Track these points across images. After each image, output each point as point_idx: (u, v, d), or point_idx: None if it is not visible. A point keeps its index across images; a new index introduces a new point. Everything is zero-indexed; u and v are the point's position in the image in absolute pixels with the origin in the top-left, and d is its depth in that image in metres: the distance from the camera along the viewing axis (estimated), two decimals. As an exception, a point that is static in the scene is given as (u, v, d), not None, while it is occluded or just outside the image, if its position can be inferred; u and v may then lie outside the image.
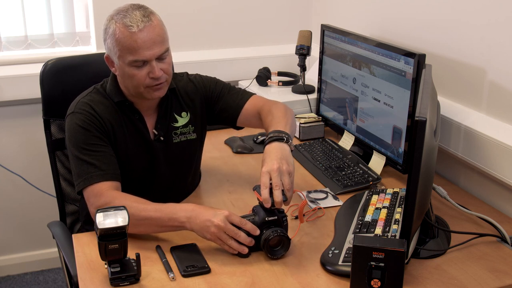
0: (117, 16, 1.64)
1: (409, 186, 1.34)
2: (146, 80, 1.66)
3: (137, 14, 1.62)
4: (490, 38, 1.82)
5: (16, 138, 2.69)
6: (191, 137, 1.86)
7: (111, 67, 1.73)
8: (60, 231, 1.92)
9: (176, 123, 1.83)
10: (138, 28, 1.60)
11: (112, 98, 1.74)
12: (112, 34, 1.63)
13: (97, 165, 1.64)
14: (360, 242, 1.33)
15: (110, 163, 1.67)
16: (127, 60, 1.63)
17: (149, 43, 1.61)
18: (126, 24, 1.60)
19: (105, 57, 1.72)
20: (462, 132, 1.87)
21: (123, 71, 1.66)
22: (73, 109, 1.72)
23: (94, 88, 1.78)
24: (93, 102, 1.73)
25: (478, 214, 1.72)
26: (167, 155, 1.81)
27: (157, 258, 1.52)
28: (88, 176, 1.63)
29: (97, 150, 1.66)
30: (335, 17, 2.73)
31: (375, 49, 2.02)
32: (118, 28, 1.61)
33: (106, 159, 1.67)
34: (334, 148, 2.22)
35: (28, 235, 2.85)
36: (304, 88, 2.56)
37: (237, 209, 1.79)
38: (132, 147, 1.76)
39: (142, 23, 1.61)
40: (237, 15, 2.88)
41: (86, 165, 1.64)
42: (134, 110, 1.76)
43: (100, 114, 1.71)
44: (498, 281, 1.45)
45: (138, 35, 1.60)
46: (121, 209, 1.38)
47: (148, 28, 1.61)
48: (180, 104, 1.85)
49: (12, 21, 2.60)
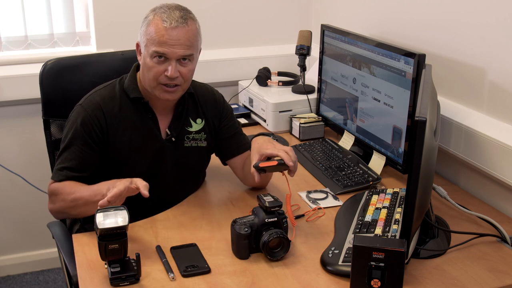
0: (159, 9, 1.71)
1: (409, 186, 1.34)
2: (161, 77, 1.70)
3: (176, 14, 1.69)
4: (490, 38, 1.82)
5: (16, 138, 2.68)
6: (202, 145, 1.88)
7: (138, 55, 1.78)
8: (60, 231, 1.91)
9: (190, 127, 1.86)
10: (170, 25, 1.66)
11: (128, 94, 1.78)
12: (148, 23, 1.70)
13: (70, 164, 1.73)
14: (360, 242, 1.33)
15: (84, 166, 1.75)
16: (150, 50, 1.68)
17: (175, 41, 1.67)
18: (163, 18, 1.67)
19: (136, 44, 1.78)
20: (462, 132, 1.87)
21: (145, 60, 1.72)
22: (82, 102, 1.79)
23: (111, 83, 1.83)
24: (104, 100, 1.77)
25: (478, 214, 1.72)
26: (175, 157, 1.83)
27: (157, 258, 1.52)
28: (57, 170, 1.75)
29: (79, 151, 1.74)
30: (335, 17, 2.73)
31: (375, 49, 2.02)
32: (155, 19, 1.68)
33: (84, 162, 1.75)
34: (334, 148, 2.22)
35: (28, 235, 2.85)
36: (304, 88, 2.56)
37: (237, 209, 1.79)
38: (140, 145, 1.79)
39: (176, 22, 1.67)
40: (237, 15, 2.87)
41: (62, 159, 1.75)
42: (148, 109, 1.79)
43: (106, 115, 1.75)
44: (498, 281, 1.45)
45: (168, 30, 1.66)
46: (121, 209, 1.39)
47: (180, 29, 1.67)
48: (196, 110, 1.88)
49: (12, 21, 2.60)
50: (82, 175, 1.74)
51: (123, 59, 2.08)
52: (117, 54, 2.16)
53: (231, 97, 2.79)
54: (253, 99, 2.62)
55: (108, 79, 1.88)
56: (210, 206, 1.83)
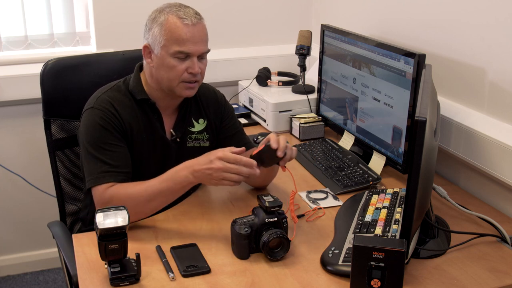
0: (169, 9, 1.69)
1: (409, 186, 1.34)
2: (184, 75, 1.70)
3: (190, 11, 1.70)
4: (490, 38, 1.82)
5: (16, 138, 2.68)
6: (204, 145, 1.88)
7: (146, 57, 1.75)
8: (60, 231, 1.92)
9: (193, 127, 1.86)
10: (191, 22, 1.67)
11: (134, 96, 1.76)
12: (163, 23, 1.67)
13: (111, 164, 1.66)
14: (360, 242, 1.33)
15: (123, 163, 1.69)
16: (171, 50, 1.67)
17: (198, 38, 1.68)
18: (180, 16, 1.67)
19: (144, 47, 1.74)
20: (462, 132, 1.87)
21: (163, 61, 1.69)
22: (93, 104, 1.74)
23: (116, 85, 1.80)
24: (113, 100, 1.75)
25: (478, 214, 1.72)
26: (179, 157, 1.83)
27: (157, 258, 1.52)
28: (99, 175, 1.65)
29: (112, 150, 1.68)
30: (335, 17, 2.73)
31: (375, 49, 2.02)
32: (172, 18, 1.67)
33: (121, 159, 1.69)
34: (334, 148, 2.22)
35: (28, 235, 2.85)
36: (304, 88, 2.56)
37: (237, 209, 1.79)
38: (148, 146, 1.79)
39: (195, 19, 1.68)
40: (237, 15, 2.87)
41: (100, 163, 1.66)
42: (154, 110, 1.78)
43: (120, 112, 1.73)
44: (498, 281, 1.45)
45: (190, 28, 1.66)
46: (121, 209, 1.39)
47: (200, 25, 1.69)
48: (199, 110, 1.88)
49: (12, 21, 2.60)
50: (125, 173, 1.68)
51: (123, 59, 2.09)
52: (117, 54, 2.16)
53: (231, 97, 2.79)
54: (253, 99, 2.62)
55: (108, 79, 1.88)
56: (210, 206, 1.83)
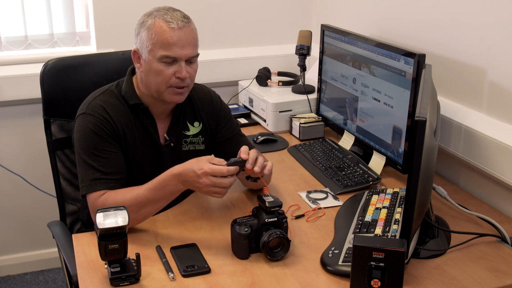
0: (157, 12, 1.67)
1: (409, 186, 1.34)
2: (172, 79, 1.67)
3: (178, 14, 1.67)
4: (490, 38, 1.82)
5: (16, 138, 2.69)
6: (200, 148, 1.87)
7: (136, 62, 1.73)
8: (60, 231, 1.92)
9: (188, 131, 1.84)
10: (177, 26, 1.64)
11: (127, 101, 1.74)
12: (149, 27, 1.65)
13: (102, 172, 1.65)
14: (360, 242, 1.33)
15: (116, 169, 1.68)
16: (158, 54, 1.65)
17: (184, 42, 1.65)
18: (167, 20, 1.64)
19: (133, 52, 1.73)
20: (462, 132, 1.87)
21: (150, 66, 1.67)
22: (85, 110, 1.71)
23: (108, 89, 1.77)
24: (106, 104, 1.72)
25: (478, 214, 1.72)
26: (174, 162, 1.81)
27: (157, 258, 1.52)
28: (91, 182, 1.64)
29: (105, 157, 1.67)
30: (335, 17, 2.73)
31: (375, 49, 2.02)
32: (158, 22, 1.65)
33: (113, 165, 1.68)
34: (334, 148, 2.22)
35: (28, 235, 2.85)
36: (304, 88, 2.56)
37: (237, 209, 1.79)
38: (141, 151, 1.77)
39: (182, 22, 1.65)
40: (237, 15, 2.88)
41: (92, 170, 1.65)
42: (147, 114, 1.76)
43: (113, 117, 1.71)
44: (498, 281, 1.45)
45: (176, 32, 1.64)
46: (121, 209, 1.39)
47: (187, 29, 1.66)
48: (194, 113, 1.86)
49: (12, 21, 2.60)
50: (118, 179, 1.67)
51: (123, 59, 2.09)
52: (117, 54, 2.16)
53: (231, 97, 2.79)
54: (253, 99, 2.62)
55: (108, 79, 1.88)
56: (210, 206, 1.83)
